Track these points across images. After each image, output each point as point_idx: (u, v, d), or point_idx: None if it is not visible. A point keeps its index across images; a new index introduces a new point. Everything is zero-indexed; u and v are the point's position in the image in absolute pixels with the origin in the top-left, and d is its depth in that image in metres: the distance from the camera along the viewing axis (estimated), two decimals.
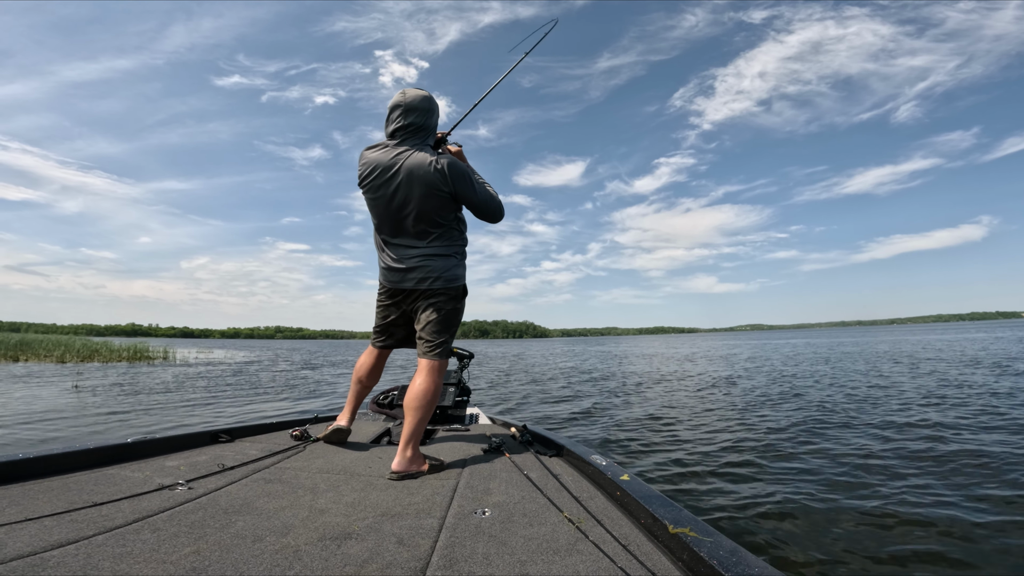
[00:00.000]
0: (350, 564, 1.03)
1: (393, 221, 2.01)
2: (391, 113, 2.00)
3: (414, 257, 2.01)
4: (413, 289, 2.03)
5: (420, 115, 1.99)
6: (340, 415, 2.28)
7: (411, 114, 1.97)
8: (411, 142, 1.98)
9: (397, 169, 1.94)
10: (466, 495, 1.52)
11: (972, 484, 3.09)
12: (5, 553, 1.00)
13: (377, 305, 2.19)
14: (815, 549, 2.30)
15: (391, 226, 2.02)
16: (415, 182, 1.93)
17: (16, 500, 1.32)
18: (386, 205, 1.99)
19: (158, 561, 1.01)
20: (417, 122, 1.99)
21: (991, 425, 4.74)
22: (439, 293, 2.03)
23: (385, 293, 2.13)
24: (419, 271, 2.01)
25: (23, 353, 18.07)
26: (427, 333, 2.02)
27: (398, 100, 1.98)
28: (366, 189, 2.02)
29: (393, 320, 2.16)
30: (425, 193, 1.94)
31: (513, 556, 1.08)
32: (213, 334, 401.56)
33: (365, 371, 2.22)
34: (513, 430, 2.42)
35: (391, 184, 1.96)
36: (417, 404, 1.89)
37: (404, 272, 2.03)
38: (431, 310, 2.02)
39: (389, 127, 2.02)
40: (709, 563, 0.92)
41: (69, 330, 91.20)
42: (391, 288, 2.09)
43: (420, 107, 1.98)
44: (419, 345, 2.05)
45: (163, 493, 1.46)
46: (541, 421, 6.07)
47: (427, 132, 2.03)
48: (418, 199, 1.94)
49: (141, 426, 5.75)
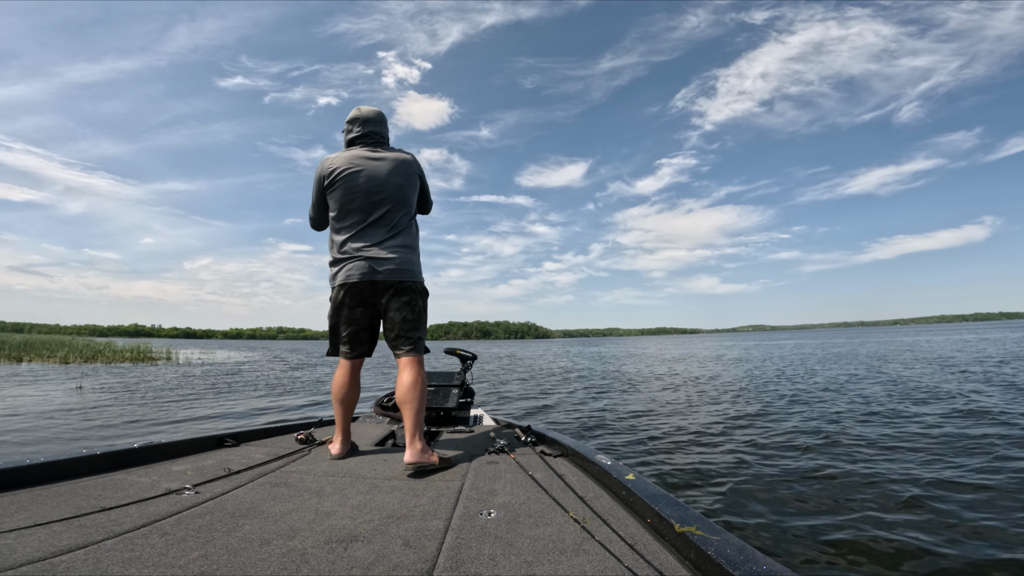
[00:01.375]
0: (356, 566, 1.03)
1: (370, 210, 2.03)
2: (352, 125, 2.16)
3: (389, 247, 2.03)
4: (385, 281, 2.01)
5: (382, 126, 2.19)
6: (332, 441, 2.13)
7: (371, 124, 2.16)
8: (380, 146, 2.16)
9: (379, 160, 2.07)
10: (471, 496, 1.52)
11: (999, 492, 3.08)
12: (15, 559, 1.00)
13: (339, 311, 2.08)
14: (823, 547, 2.29)
15: (367, 215, 2.03)
16: (397, 171, 2.08)
17: (25, 506, 1.33)
18: (365, 194, 2.03)
19: (166, 565, 1.01)
20: (381, 131, 2.18)
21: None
22: (411, 288, 2.07)
23: (350, 293, 2.05)
24: (393, 262, 2.02)
25: (27, 354, 18.15)
26: (404, 330, 2.02)
27: (356, 115, 2.17)
28: (343, 179, 2.03)
29: (360, 323, 2.09)
30: (404, 182, 2.09)
31: (519, 557, 1.08)
32: (215, 335, 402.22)
33: (345, 389, 2.11)
34: (517, 431, 2.42)
35: (373, 171, 2.04)
36: (410, 396, 1.93)
37: (379, 262, 2.00)
38: (407, 307, 2.04)
39: (353, 136, 2.16)
40: (716, 561, 0.92)
41: (72, 331, 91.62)
42: (360, 282, 2.01)
43: (380, 119, 2.19)
44: (396, 343, 2.04)
45: (170, 498, 1.46)
46: (545, 421, 6.07)
47: (387, 140, 2.22)
48: (396, 187, 2.07)
49: (146, 428, 5.77)
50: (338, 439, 2.09)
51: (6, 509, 1.30)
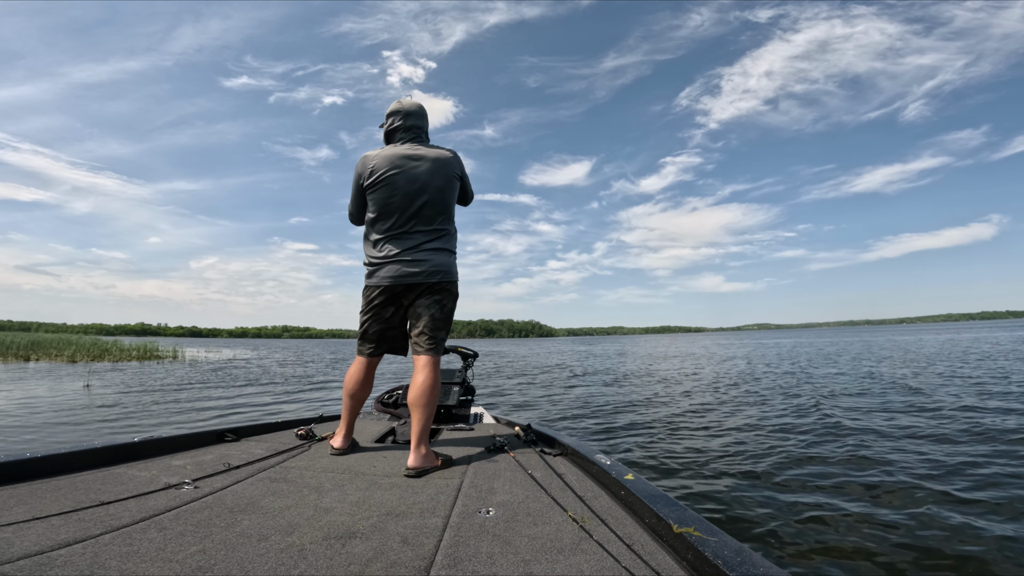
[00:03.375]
0: (355, 563, 1.03)
1: (410, 214, 2.00)
2: (394, 118, 2.11)
3: (426, 250, 2.01)
4: (420, 284, 1.99)
5: (423, 120, 2.14)
6: (335, 435, 2.11)
7: (413, 117, 2.11)
8: (420, 142, 2.11)
9: (420, 158, 2.03)
10: (470, 494, 1.52)
11: (1002, 494, 3.05)
12: (12, 552, 1.01)
13: (369, 309, 2.07)
14: (820, 549, 2.28)
15: (406, 216, 2.00)
16: (438, 171, 2.04)
17: (23, 499, 1.34)
18: (404, 196, 1.99)
19: (164, 560, 1.01)
20: (422, 125, 2.13)
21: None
22: (444, 288, 2.04)
23: (383, 292, 2.04)
24: (429, 263, 2.00)
25: (34, 353, 18.31)
26: (429, 329, 2.00)
27: (397, 107, 2.12)
28: (383, 182, 2.00)
29: (390, 321, 2.08)
30: (444, 184, 2.05)
31: (517, 555, 1.07)
32: (221, 333, 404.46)
33: (358, 385, 2.09)
34: (517, 429, 2.42)
35: (413, 172, 2.00)
36: (424, 401, 1.91)
37: (415, 264, 1.99)
38: (437, 306, 2.02)
39: (394, 127, 2.11)
40: (714, 563, 0.91)
41: (79, 330, 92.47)
42: (394, 284, 2.00)
43: (421, 113, 2.14)
44: (418, 342, 2.01)
45: (169, 492, 1.47)
46: (545, 420, 6.07)
47: (427, 135, 2.17)
48: (436, 189, 2.03)
49: (150, 424, 5.81)
50: (341, 433, 2.08)
51: (5, 503, 1.30)
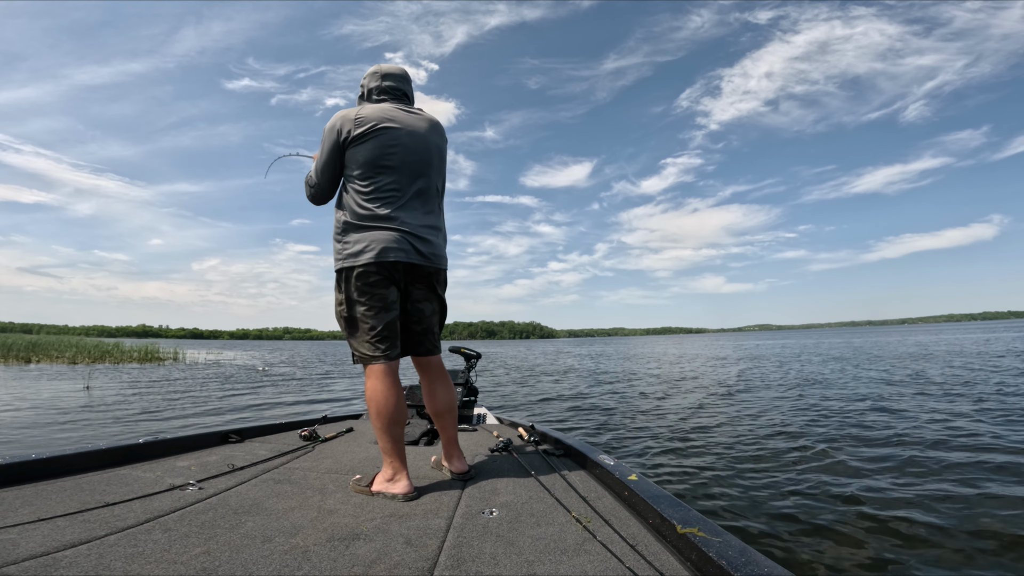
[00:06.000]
0: (358, 564, 1.03)
1: (410, 175, 1.65)
2: (380, 80, 1.77)
3: (429, 226, 1.68)
4: (427, 267, 1.66)
5: (406, 83, 1.83)
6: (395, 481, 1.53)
7: (399, 79, 1.80)
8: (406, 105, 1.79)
9: (417, 115, 1.72)
10: (474, 495, 1.52)
11: (1000, 491, 3.04)
12: (18, 553, 1.01)
13: (372, 299, 1.57)
14: (824, 549, 2.27)
15: (407, 180, 1.64)
16: (435, 131, 1.75)
17: (29, 500, 1.34)
18: (405, 151, 1.63)
19: (169, 561, 1.01)
20: (405, 89, 1.82)
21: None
22: (445, 279, 1.78)
23: (383, 271, 1.57)
24: (434, 246, 1.69)
25: (35, 354, 18.32)
26: (436, 324, 1.77)
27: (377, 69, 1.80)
28: (377, 133, 1.61)
29: (396, 310, 1.62)
30: (443, 144, 1.78)
31: (521, 556, 1.07)
32: (222, 335, 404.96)
33: (394, 405, 1.57)
34: (521, 430, 2.42)
35: (412, 128, 1.67)
36: (451, 407, 1.78)
37: (421, 243, 1.64)
38: (440, 296, 1.77)
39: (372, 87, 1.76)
40: (718, 563, 0.91)
41: (81, 331, 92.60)
42: (398, 262, 1.58)
43: (404, 76, 1.82)
44: (423, 340, 1.72)
45: (174, 493, 1.47)
46: (548, 421, 6.07)
47: (411, 100, 1.85)
48: (437, 149, 1.75)
49: (152, 426, 5.81)
50: (403, 473, 1.55)
51: (10, 504, 1.31)
